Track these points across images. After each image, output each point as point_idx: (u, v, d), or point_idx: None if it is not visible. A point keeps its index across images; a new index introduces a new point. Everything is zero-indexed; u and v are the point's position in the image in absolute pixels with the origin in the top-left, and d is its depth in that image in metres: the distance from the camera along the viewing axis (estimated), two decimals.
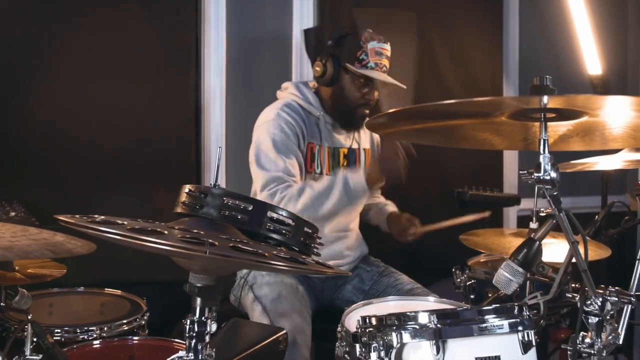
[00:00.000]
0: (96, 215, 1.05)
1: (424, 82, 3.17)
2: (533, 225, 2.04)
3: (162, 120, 2.73)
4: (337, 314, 2.32)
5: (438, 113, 1.22)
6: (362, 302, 1.91)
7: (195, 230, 1.05)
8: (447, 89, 3.21)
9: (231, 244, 0.97)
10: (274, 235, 1.17)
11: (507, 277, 1.34)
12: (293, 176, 2.18)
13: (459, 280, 2.44)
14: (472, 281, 2.39)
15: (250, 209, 1.15)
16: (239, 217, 1.14)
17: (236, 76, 2.87)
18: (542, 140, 1.11)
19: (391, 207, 2.61)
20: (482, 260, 2.56)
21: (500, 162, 3.39)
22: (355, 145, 2.44)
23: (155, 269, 2.61)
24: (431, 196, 3.12)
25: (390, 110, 1.16)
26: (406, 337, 1.27)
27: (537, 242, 1.34)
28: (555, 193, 1.13)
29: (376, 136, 2.58)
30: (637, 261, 1.47)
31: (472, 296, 2.40)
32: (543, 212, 2.07)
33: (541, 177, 1.11)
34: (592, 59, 3.11)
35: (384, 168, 2.13)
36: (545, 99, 1.02)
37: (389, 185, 2.70)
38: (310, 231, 1.25)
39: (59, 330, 1.82)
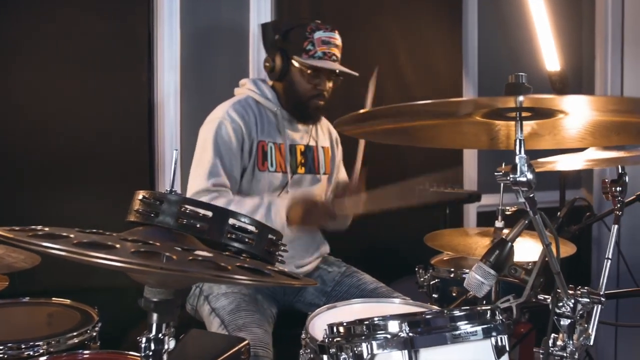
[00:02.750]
0: (38, 227, 0.95)
1: (384, 80, 3.13)
2: (498, 223, 2.03)
3: (113, 118, 2.59)
4: (298, 318, 2.25)
5: (408, 113, 1.16)
6: (326, 306, 1.85)
7: (150, 242, 0.96)
8: (407, 86, 3.17)
9: (190, 257, 0.89)
10: (236, 244, 1.09)
11: (478, 279, 1.30)
12: (224, 186, 2.14)
13: (422, 279, 2.42)
14: (436, 280, 2.37)
15: (210, 216, 1.07)
16: (198, 225, 1.06)
17: (191, 72, 2.76)
18: (517, 140, 1.07)
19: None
20: (445, 259, 2.54)
21: (460, 160, 3.37)
22: (312, 143, 2.38)
23: (107, 274, 2.50)
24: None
25: (361, 111, 1.10)
26: (377, 347, 1.21)
27: (509, 244, 1.30)
28: (531, 195, 1.09)
29: (336, 135, 2.52)
30: (605, 260, 1.45)
31: (435, 295, 2.37)
32: (509, 210, 2.07)
33: (517, 179, 1.07)
34: (550, 56, 3.12)
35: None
36: (521, 98, 0.97)
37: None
38: (274, 238, 1.17)
39: (1, 347, 1.66)
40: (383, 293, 2.24)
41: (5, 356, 1.66)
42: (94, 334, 1.86)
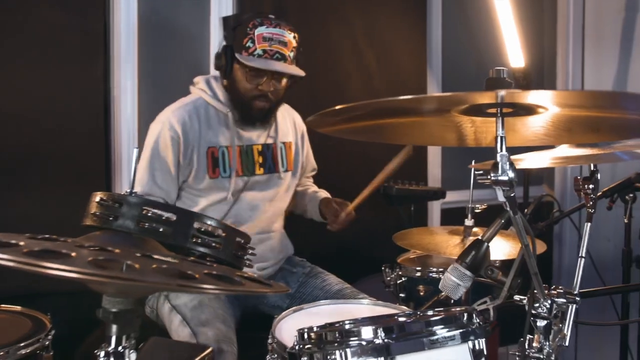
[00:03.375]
0: None
1: (349, 76, 3.09)
2: (468, 222, 2.00)
3: (67, 114, 2.46)
4: (262, 321, 2.19)
5: (386, 110, 1.11)
6: (292, 308, 1.79)
7: (109, 248, 0.88)
8: (371, 81, 3.13)
9: (154, 265, 0.82)
10: (203, 249, 1.02)
11: (454, 281, 1.26)
12: (151, 195, 2.07)
13: (388, 278, 2.38)
14: (403, 279, 2.33)
15: (174, 219, 1.00)
16: (161, 229, 0.99)
17: (149, 65, 2.65)
18: (499, 137, 1.02)
19: (323, 193, 2.49)
20: (411, 257, 2.51)
21: (424, 157, 3.35)
22: (270, 141, 2.28)
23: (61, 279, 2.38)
24: (357, 191, 3.04)
25: (336, 107, 1.04)
26: (351, 355, 1.15)
27: (485, 244, 1.26)
28: (512, 194, 1.05)
29: (303, 128, 2.45)
30: (579, 258, 1.42)
31: (402, 294, 2.34)
32: (478, 208, 2.05)
33: (499, 178, 1.02)
34: (514, 53, 3.12)
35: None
36: (502, 93, 0.93)
37: (315, 182, 2.62)
38: (242, 241, 1.11)
39: None
40: (348, 294, 2.19)
41: None
42: (47, 343, 1.74)
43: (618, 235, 2.68)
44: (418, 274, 2.28)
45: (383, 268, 2.40)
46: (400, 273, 2.33)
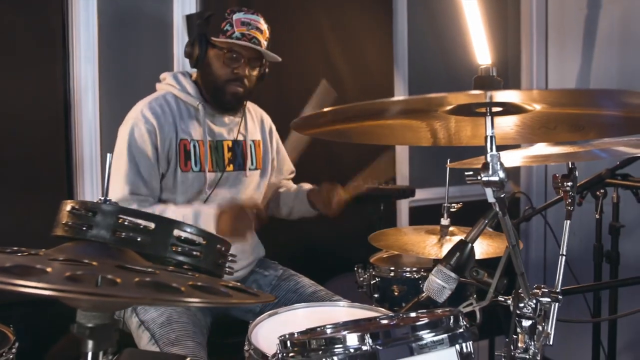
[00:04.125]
0: None
1: (315, 75, 3.05)
2: (444, 221, 1.99)
3: (24, 116, 2.35)
4: (234, 326, 2.14)
5: (370, 112, 1.08)
6: (268, 312, 1.74)
7: (85, 261, 0.82)
8: (338, 80, 3.10)
9: (137, 279, 0.76)
10: (183, 258, 0.97)
11: (439, 284, 1.23)
12: (141, 194, 2.02)
13: (361, 279, 2.35)
14: (376, 280, 2.30)
15: (152, 227, 0.94)
16: (139, 239, 0.93)
17: (110, 65, 2.56)
18: (488, 137, 1.00)
19: (307, 185, 2.44)
20: (384, 257, 2.49)
21: (392, 155, 3.34)
22: (240, 138, 2.24)
23: None
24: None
25: (325, 110, 1.00)
26: None
27: (470, 245, 1.24)
28: (502, 195, 1.03)
29: (270, 125, 2.41)
30: (560, 256, 1.42)
31: (376, 295, 2.31)
32: (454, 207, 2.04)
33: (489, 179, 1.00)
34: (481, 51, 3.13)
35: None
36: (490, 93, 0.90)
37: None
38: (223, 249, 1.06)
39: None
40: (322, 297, 2.15)
41: None
42: (11, 356, 1.66)
43: (584, 230, 2.72)
44: (392, 274, 2.26)
45: (355, 268, 2.37)
46: (373, 273, 2.30)
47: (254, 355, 1.49)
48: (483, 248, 1.90)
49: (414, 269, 2.22)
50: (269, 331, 1.62)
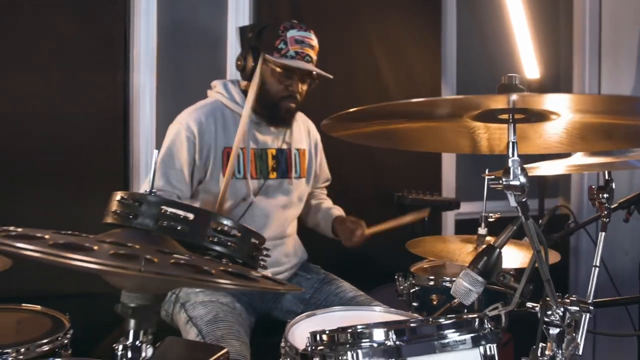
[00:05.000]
0: (11, 228, 0.89)
1: (363, 83, 3.11)
2: (482, 230, 2.00)
3: (87, 119, 2.50)
4: (275, 326, 2.20)
5: (400, 113, 1.13)
6: (305, 313, 1.80)
7: (129, 244, 0.91)
8: (385, 89, 3.15)
9: (172, 260, 0.84)
10: (219, 248, 1.04)
11: (466, 287, 1.27)
12: (163, 190, 2.10)
13: (401, 287, 2.38)
14: (416, 288, 2.33)
15: (191, 218, 1.02)
16: (179, 227, 1.01)
17: (167, 73, 2.70)
18: (510, 143, 1.04)
19: (337, 210, 2.50)
20: (425, 267, 2.51)
21: (438, 166, 3.36)
22: (285, 146, 2.31)
23: (80, 279, 2.42)
24: (369, 200, 3.05)
25: (350, 110, 1.06)
26: (363, 356, 1.17)
27: (498, 250, 1.27)
28: (524, 199, 1.06)
29: (316, 136, 2.48)
30: (593, 268, 1.43)
31: (415, 304, 2.34)
32: (492, 217, 2.05)
33: (510, 183, 1.03)
34: (529, 63, 3.13)
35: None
36: (513, 96, 0.94)
37: (327, 192, 2.64)
38: (257, 242, 1.13)
39: None
40: (362, 301, 2.20)
41: None
42: (65, 341, 1.78)
43: (636, 247, 2.66)
44: (431, 282, 2.28)
45: (396, 277, 2.40)
46: (413, 282, 2.33)
47: (289, 352, 1.56)
48: (521, 259, 1.90)
49: (454, 278, 2.23)
50: (304, 330, 1.67)
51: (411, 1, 3.27)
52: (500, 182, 1.05)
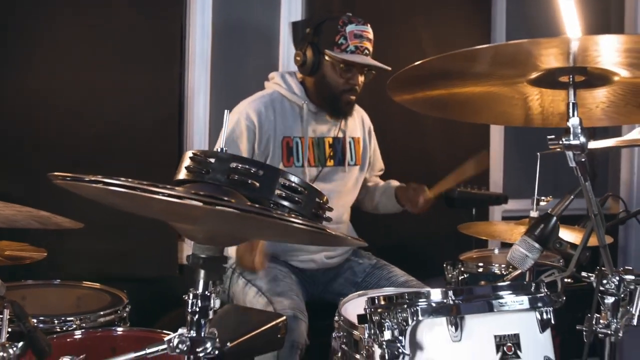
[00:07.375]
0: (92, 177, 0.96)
1: None
2: (533, 213, 2.01)
3: (144, 111, 2.60)
4: (327, 309, 2.24)
5: (461, 69, 1.16)
6: (357, 292, 1.85)
7: (202, 193, 0.96)
8: None
9: (248, 202, 0.89)
10: (285, 203, 1.09)
11: (522, 252, 1.29)
12: None
13: (450, 275, 2.40)
14: (465, 276, 2.34)
15: (261, 174, 1.07)
16: (249, 182, 1.06)
17: (221, 69, 2.79)
18: (570, 104, 1.06)
19: (394, 182, 2.54)
20: (474, 256, 2.53)
21: (486, 160, 3.34)
22: (340, 135, 2.37)
23: (135, 264, 2.50)
24: None
25: (417, 63, 1.09)
26: (422, 314, 1.20)
27: (554, 218, 1.29)
28: (583, 159, 1.08)
29: (369, 125, 2.52)
30: None
31: None
32: (544, 200, 2.06)
33: (570, 142, 1.05)
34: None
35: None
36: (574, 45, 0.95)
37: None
38: (321, 201, 1.17)
39: (34, 320, 1.65)
40: (413, 286, 2.23)
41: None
42: (124, 314, 1.86)
43: None
44: (480, 269, 2.30)
45: (445, 265, 2.42)
46: (462, 269, 2.35)
47: (342, 325, 1.61)
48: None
49: (503, 265, 2.25)
50: (357, 306, 1.71)
51: None
52: (560, 141, 1.08)
